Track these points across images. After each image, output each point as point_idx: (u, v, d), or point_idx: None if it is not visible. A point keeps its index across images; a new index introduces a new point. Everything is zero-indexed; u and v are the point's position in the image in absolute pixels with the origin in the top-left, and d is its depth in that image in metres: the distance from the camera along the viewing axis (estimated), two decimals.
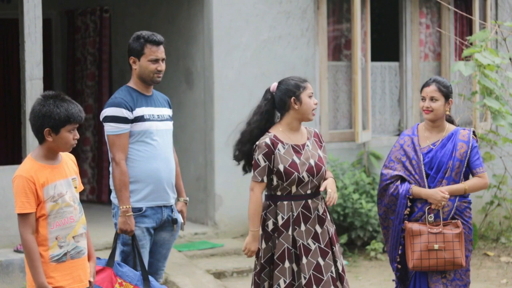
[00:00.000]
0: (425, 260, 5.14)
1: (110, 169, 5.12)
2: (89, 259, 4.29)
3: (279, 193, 4.90)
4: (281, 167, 4.84)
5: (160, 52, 5.15)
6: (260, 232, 4.94)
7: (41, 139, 4.12)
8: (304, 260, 4.85)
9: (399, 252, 5.28)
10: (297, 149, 4.91)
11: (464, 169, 5.21)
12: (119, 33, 10.07)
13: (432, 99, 5.24)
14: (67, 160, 4.27)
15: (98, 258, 4.82)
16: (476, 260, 8.40)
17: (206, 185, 8.77)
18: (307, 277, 4.83)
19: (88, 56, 10.28)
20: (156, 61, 5.13)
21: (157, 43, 5.14)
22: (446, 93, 5.26)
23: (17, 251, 7.19)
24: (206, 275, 7.43)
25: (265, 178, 4.86)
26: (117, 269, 4.86)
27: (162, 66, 5.16)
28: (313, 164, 4.89)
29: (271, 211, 4.91)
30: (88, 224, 4.35)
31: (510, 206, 9.15)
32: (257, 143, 4.89)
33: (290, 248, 4.86)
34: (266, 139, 4.87)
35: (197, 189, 8.83)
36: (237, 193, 8.68)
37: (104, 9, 10.06)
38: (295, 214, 4.88)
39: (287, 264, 4.85)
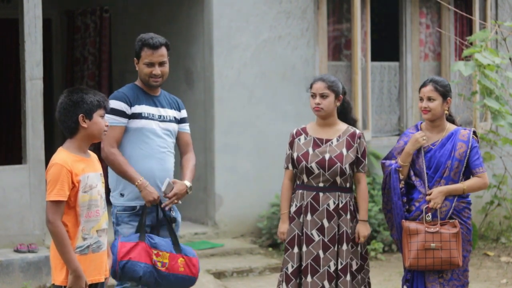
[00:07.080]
0: (421, 259, 5.14)
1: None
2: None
3: (297, 182, 5.26)
4: (295, 155, 5.21)
5: (156, 56, 5.04)
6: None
7: (75, 130, 4.15)
8: (305, 249, 5.16)
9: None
10: (317, 142, 5.20)
11: (463, 169, 5.20)
12: (119, 33, 10.07)
13: (429, 99, 5.23)
14: (94, 156, 4.33)
15: (127, 237, 4.91)
16: (476, 260, 8.40)
17: (206, 185, 8.77)
18: (304, 264, 5.15)
19: (89, 56, 10.27)
20: (150, 64, 5.04)
21: (152, 47, 5.03)
22: (443, 92, 5.24)
23: (17, 251, 7.18)
24: (206, 275, 7.44)
25: (290, 166, 5.28)
26: (150, 242, 4.94)
27: (157, 70, 5.04)
28: (327, 158, 5.14)
29: (293, 198, 5.29)
30: None
31: (510, 206, 9.15)
32: None
33: (300, 234, 5.17)
34: (294, 129, 5.31)
35: (197, 189, 8.81)
36: (237, 193, 8.68)
37: (104, 9, 10.05)
38: (305, 203, 5.18)
39: (295, 249, 5.19)
